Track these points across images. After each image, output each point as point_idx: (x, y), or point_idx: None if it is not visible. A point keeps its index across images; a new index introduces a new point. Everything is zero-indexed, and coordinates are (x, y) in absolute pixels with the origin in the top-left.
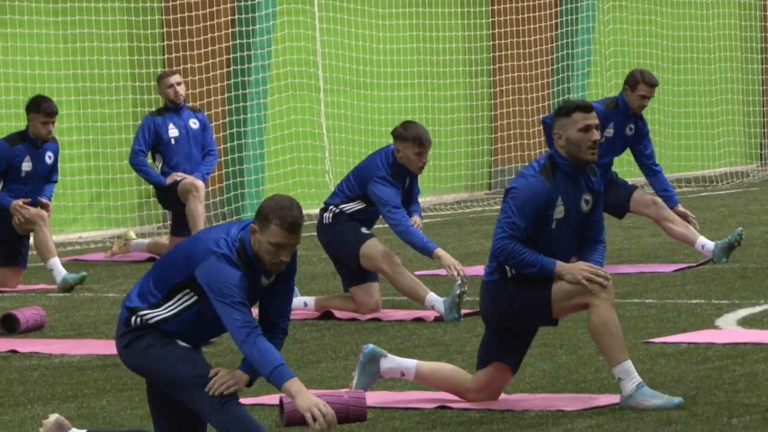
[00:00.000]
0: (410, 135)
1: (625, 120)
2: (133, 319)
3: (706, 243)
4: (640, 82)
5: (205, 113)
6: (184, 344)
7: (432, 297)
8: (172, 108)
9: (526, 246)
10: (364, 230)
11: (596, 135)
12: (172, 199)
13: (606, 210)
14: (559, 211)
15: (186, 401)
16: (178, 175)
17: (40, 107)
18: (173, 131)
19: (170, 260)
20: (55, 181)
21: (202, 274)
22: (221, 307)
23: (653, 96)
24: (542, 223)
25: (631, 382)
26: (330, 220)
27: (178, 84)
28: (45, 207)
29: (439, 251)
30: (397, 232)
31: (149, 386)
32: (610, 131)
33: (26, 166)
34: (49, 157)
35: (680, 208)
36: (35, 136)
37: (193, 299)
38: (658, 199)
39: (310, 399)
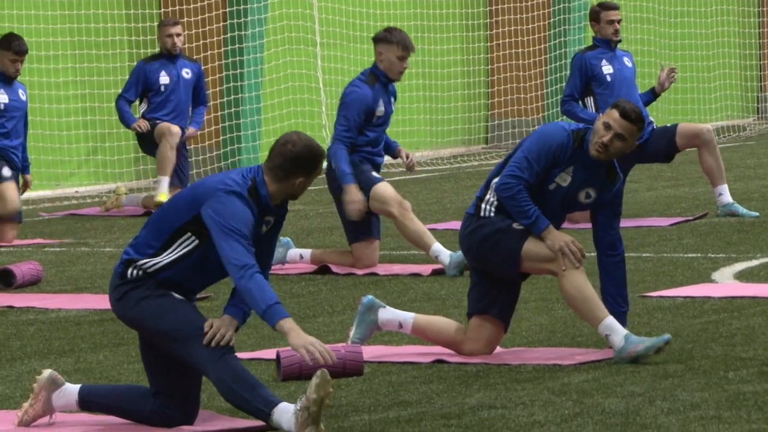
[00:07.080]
0: (395, 39)
1: (613, 56)
2: (129, 271)
3: (725, 194)
4: (600, 10)
5: (201, 65)
6: (178, 296)
7: (438, 247)
8: (167, 56)
9: (529, 195)
10: (374, 174)
11: (607, 136)
12: (150, 144)
13: (652, 159)
14: (564, 179)
15: (180, 353)
16: (143, 122)
17: (10, 45)
18: (164, 78)
19: (169, 208)
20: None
21: (209, 210)
22: (223, 238)
23: (620, 18)
24: (544, 178)
25: (618, 336)
26: None
27: (177, 35)
28: (26, 183)
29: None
30: (330, 152)
31: (142, 342)
32: (609, 68)
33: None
34: (22, 94)
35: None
36: (4, 73)
37: (194, 243)
38: (708, 126)
39: (303, 337)
